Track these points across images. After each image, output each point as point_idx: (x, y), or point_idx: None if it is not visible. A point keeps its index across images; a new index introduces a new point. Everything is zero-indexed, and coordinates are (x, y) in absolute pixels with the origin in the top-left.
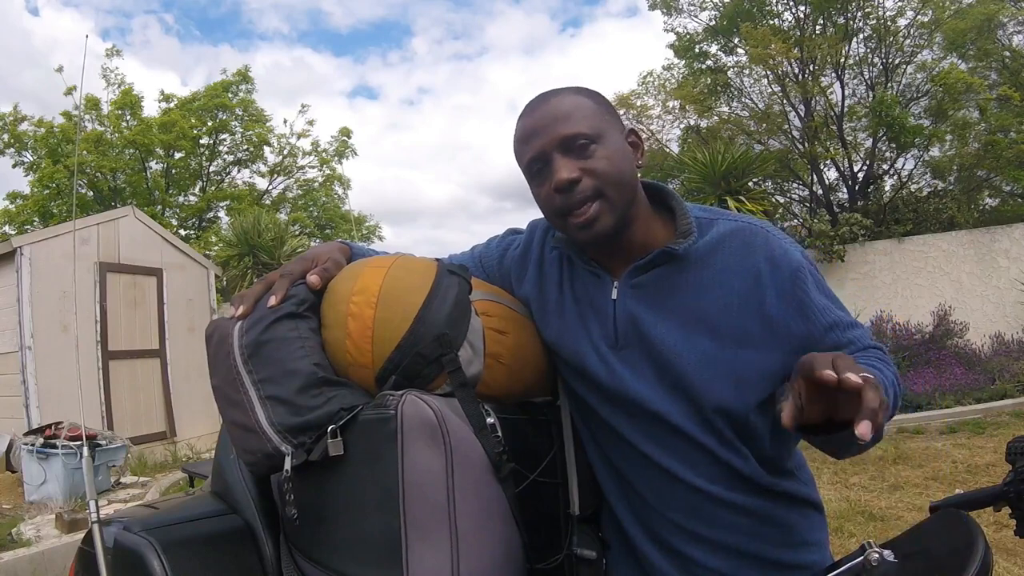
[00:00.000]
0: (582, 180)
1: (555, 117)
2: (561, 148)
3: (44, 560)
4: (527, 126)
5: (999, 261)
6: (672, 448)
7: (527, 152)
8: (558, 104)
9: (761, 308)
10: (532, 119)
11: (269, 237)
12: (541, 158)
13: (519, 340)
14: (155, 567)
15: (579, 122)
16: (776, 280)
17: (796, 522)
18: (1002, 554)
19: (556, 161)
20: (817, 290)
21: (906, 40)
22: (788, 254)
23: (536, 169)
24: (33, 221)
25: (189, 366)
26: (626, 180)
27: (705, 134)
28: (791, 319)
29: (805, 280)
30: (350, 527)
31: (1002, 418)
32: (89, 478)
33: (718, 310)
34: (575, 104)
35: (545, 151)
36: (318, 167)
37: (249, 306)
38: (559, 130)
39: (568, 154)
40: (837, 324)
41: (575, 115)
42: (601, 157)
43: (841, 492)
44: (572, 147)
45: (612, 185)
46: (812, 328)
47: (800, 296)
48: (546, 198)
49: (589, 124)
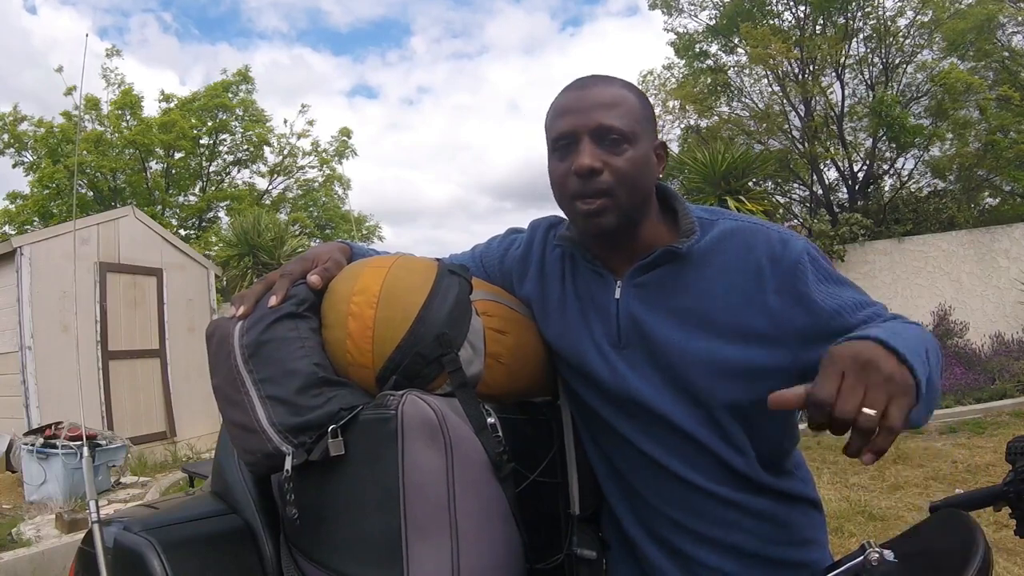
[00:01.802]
0: (603, 173)
1: (598, 102)
2: (594, 134)
3: (44, 560)
4: (568, 101)
5: (999, 261)
6: (673, 447)
7: (559, 125)
8: (605, 90)
9: (764, 304)
10: (575, 95)
11: (269, 237)
12: (571, 136)
13: (519, 340)
14: (155, 567)
15: (620, 117)
16: (776, 274)
17: (796, 520)
18: (1002, 554)
19: (584, 144)
20: (818, 279)
21: (906, 40)
22: (788, 246)
23: (562, 144)
24: (33, 221)
25: (189, 366)
26: (641, 187)
27: (705, 134)
28: (793, 313)
29: (804, 272)
30: (350, 527)
31: (1002, 418)
32: (89, 478)
33: (721, 308)
34: (622, 97)
35: (577, 131)
36: (318, 167)
37: (249, 306)
38: (597, 117)
39: (598, 143)
40: (843, 308)
41: (618, 108)
42: (628, 158)
43: (841, 492)
44: (604, 138)
45: (627, 188)
46: (816, 319)
47: (800, 288)
48: (561, 176)
49: (627, 122)
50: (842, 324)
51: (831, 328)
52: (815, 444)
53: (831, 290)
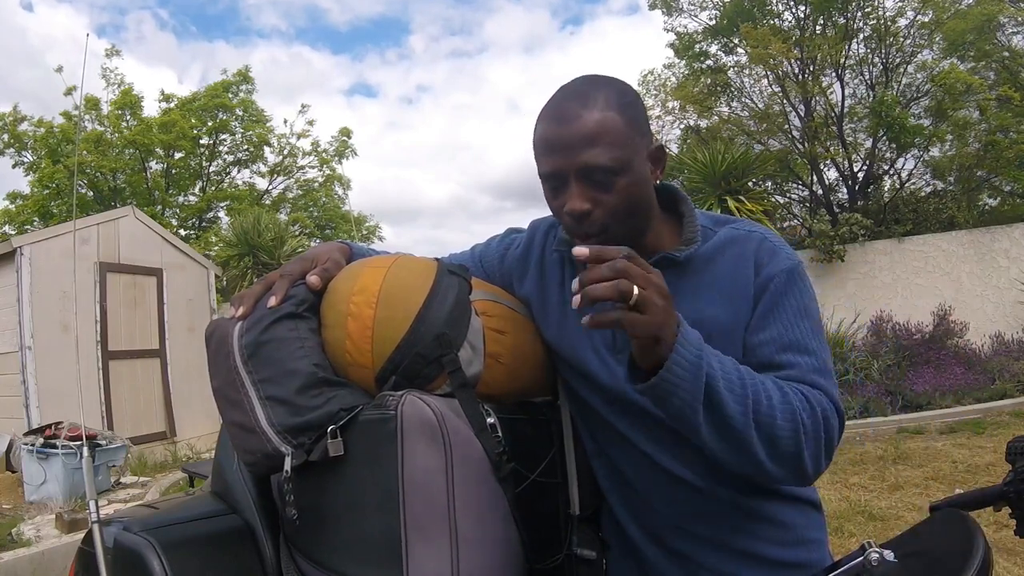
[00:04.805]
0: (594, 212)
1: (580, 138)
2: (580, 175)
3: (44, 560)
4: (551, 136)
5: (999, 261)
6: (672, 448)
7: (544, 165)
8: (587, 119)
9: (748, 312)
10: (558, 132)
11: (269, 237)
12: (558, 177)
13: (519, 340)
14: (155, 567)
15: (604, 151)
16: (758, 282)
17: (795, 520)
18: (1002, 554)
19: (572, 187)
20: (782, 302)
21: (906, 40)
22: (774, 258)
23: (552, 185)
24: (33, 221)
25: (189, 366)
26: (638, 210)
27: (705, 134)
28: (755, 316)
29: (777, 288)
30: (350, 527)
31: (1002, 418)
32: (89, 478)
33: (710, 316)
34: (603, 124)
35: (564, 173)
36: (318, 167)
37: (249, 306)
38: (582, 157)
39: (586, 182)
40: (777, 340)
41: (602, 140)
42: (619, 190)
43: (841, 492)
44: (591, 177)
45: (621, 219)
46: (759, 331)
47: (765, 298)
48: (557, 211)
49: (614, 153)
50: (764, 354)
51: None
52: None
53: (786, 319)
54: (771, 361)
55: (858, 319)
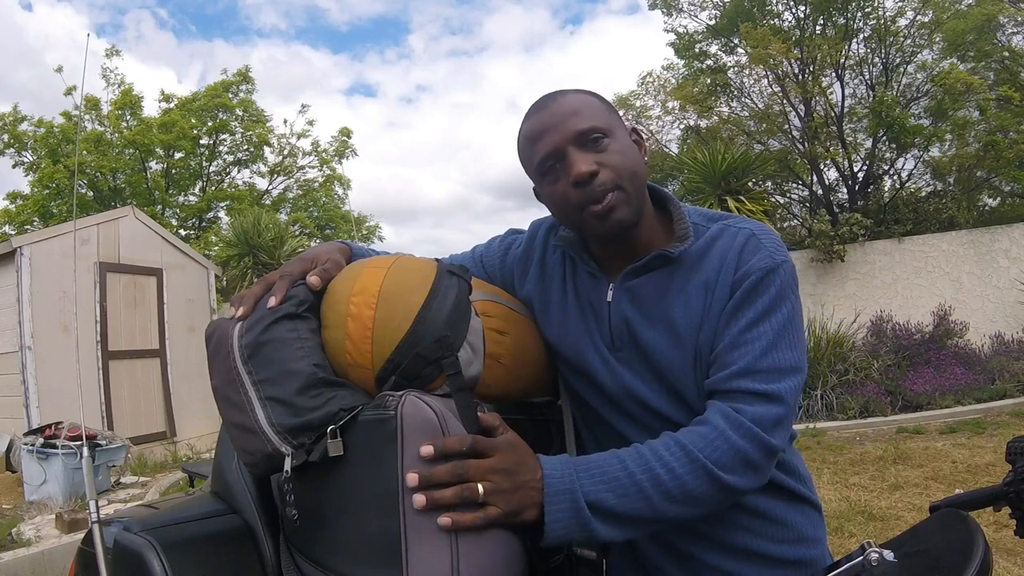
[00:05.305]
0: (600, 172)
1: (566, 113)
2: (576, 143)
3: (44, 560)
4: (536, 124)
5: (999, 261)
6: None
7: (539, 150)
8: (566, 102)
9: (722, 307)
10: (541, 117)
11: (269, 237)
12: (555, 154)
13: (519, 340)
14: (155, 567)
15: (591, 117)
16: (735, 279)
17: (795, 519)
18: (1002, 554)
19: (572, 155)
20: (750, 301)
21: (906, 40)
22: (756, 256)
23: (549, 166)
24: (33, 221)
25: (189, 366)
26: (639, 173)
27: (705, 134)
28: (723, 312)
29: (749, 286)
30: (350, 528)
31: (1002, 418)
32: (89, 478)
33: (699, 313)
34: (583, 101)
35: (559, 147)
36: (318, 167)
37: (249, 307)
38: (572, 125)
39: (583, 148)
40: (727, 339)
41: (585, 111)
42: (615, 151)
43: (841, 492)
44: (586, 141)
45: (628, 177)
46: (723, 327)
47: (739, 297)
48: (562, 194)
49: (599, 119)
50: (717, 360)
51: (714, 350)
52: (815, 444)
53: (748, 318)
54: (717, 359)
55: (858, 319)
